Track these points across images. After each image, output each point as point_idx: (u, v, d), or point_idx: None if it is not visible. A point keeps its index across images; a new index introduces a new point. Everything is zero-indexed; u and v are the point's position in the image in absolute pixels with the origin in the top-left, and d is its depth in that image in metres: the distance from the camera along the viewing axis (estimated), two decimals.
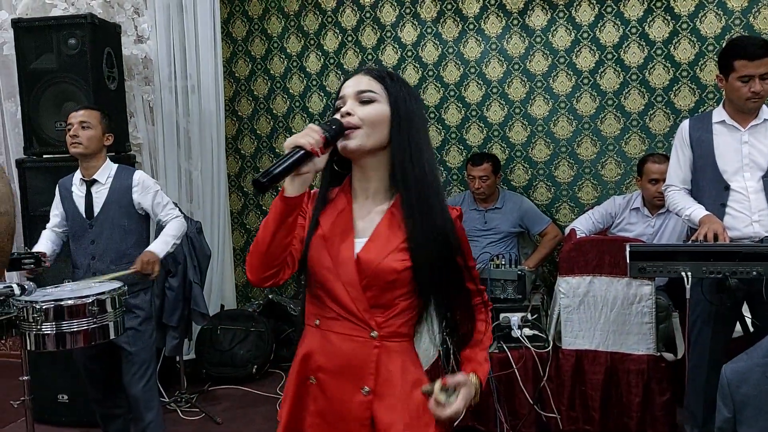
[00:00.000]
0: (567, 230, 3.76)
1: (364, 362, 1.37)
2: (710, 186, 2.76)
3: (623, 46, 4.03)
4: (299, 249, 1.39)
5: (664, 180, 3.45)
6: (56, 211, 2.92)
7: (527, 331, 3.20)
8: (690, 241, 2.65)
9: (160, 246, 2.83)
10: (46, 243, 2.87)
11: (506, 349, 3.17)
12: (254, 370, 4.17)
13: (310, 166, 1.27)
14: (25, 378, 2.58)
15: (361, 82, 1.39)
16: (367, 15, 4.46)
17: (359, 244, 1.38)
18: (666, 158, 3.54)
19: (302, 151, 1.24)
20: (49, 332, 2.39)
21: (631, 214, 3.71)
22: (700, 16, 3.88)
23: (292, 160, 1.24)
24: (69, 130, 2.80)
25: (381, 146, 1.38)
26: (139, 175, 2.88)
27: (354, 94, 1.38)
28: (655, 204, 3.58)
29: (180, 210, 3.10)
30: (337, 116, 1.36)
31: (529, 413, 3.17)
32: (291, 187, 1.27)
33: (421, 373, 1.44)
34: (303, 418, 1.41)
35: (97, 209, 2.81)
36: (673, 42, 3.94)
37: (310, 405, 1.41)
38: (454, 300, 1.42)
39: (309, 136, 1.26)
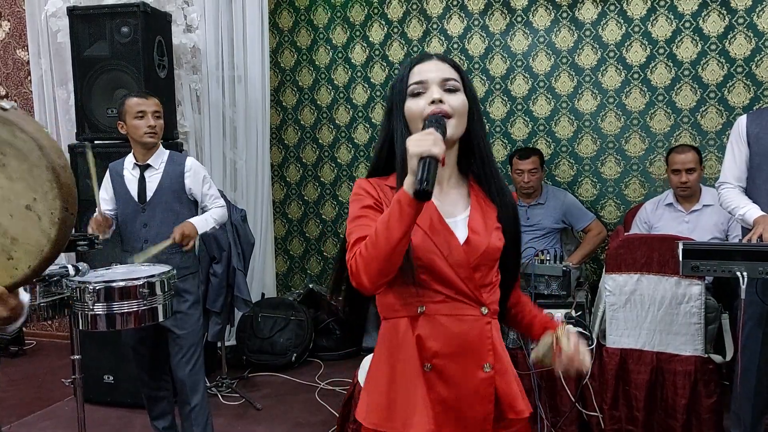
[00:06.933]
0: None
1: (481, 340, 1.38)
2: (767, 185, 2.68)
3: (676, 40, 3.94)
4: None
5: (686, 170, 3.49)
6: (106, 196, 2.93)
7: (570, 328, 3.15)
8: (743, 241, 2.58)
9: (201, 222, 2.87)
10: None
11: None
12: (293, 359, 4.21)
13: None
14: (76, 357, 2.64)
15: (444, 69, 1.40)
16: (414, 6, 4.44)
17: (453, 225, 1.39)
18: (692, 148, 3.55)
19: (436, 161, 1.21)
20: (100, 312, 2.45)
21: (664, 210, 3.65)
22: (757, 10, 3.76)
23: (434, 167, 1.20)
24: (140, 117, 2.81)
25: (461, 136, 1.42)
26: (191, 161, 2.93)
27: (440, 81, 1.38)
28: (680, 195, 3.55)
29: (226, 199, 3.15)
30: (422, 101, 1.36)
31: (571, 411, 3.13)
32: None
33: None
34: (421, 410, 1.35)
35: (150, 193, 2.85)
36: (728, 37, 3.83)
37: (427, 394, 1.36)
38: (515, 276, 1.52)
39: (437, 145, 1.22)
